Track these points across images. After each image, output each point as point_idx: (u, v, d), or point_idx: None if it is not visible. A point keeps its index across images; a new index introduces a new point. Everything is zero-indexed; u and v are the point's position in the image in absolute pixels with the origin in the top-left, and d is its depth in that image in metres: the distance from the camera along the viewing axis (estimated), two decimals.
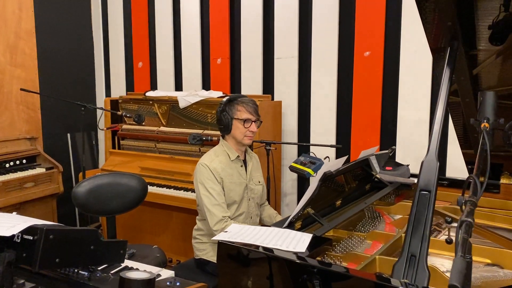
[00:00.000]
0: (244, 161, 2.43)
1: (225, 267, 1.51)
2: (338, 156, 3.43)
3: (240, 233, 1.60)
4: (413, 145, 3.11)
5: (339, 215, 2.08)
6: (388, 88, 3.21)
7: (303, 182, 3.65)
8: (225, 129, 2.32)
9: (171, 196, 3.34)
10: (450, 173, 3.01)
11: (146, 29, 4.38)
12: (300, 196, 3.70)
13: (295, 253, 1.41)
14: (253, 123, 2.32)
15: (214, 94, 3.57)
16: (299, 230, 1.74)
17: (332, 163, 1.76)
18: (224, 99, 2.34)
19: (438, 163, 1.33)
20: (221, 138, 2.42)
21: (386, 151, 2.41)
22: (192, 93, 3.66)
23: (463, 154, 2.27)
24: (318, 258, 1.55)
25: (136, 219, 3.80)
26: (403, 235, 1.77)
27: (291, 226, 1.71)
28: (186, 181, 3.46)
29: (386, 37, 3.18)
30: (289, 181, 3.70)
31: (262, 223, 2.58)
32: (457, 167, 2.97)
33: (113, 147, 4.04)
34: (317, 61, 3.47)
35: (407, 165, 2.56)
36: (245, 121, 2.29)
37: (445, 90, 1.39)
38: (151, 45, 4.39)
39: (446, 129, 3.01)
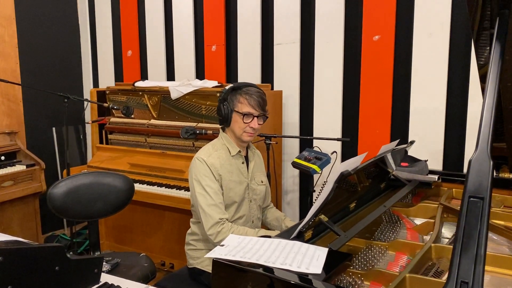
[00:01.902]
0: (246, 158, 2.15)
1: None
2: (344, 150, 3.15)
3: (240, 247, 1.32)
4: (427, 138, 2.83)
5: (355, 220, 1.81)
6: (399, 76, 2.93)
7: (305, 179, 3.38)
8: (224, 121, 2.05)
9: (162, 195, 3.06)
10: None
11: (136, 15, 4.07)
12: (302, 193, 3.42)
13: (309, 275, 1.14)
14: (255, 118, 2.03)
15: (209, 83, 3.28)
16: (309, 240, 1.47)
17: (349, 161, 1.48)
18: (228, 87, 2.06)
19: (492, 163, 1.05)
20: (220, 130, 2.14)
21: (404, 145, 2.13)
22: (185, 83, 3.37)
23: (495, 147, 1.99)
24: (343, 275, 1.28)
25: (126, 219, 3.53)
26: (433, 245, 1.51)
27: (300, 236, 1.43)
28: (178, 179, 3.18)
29: (398, 19, 2.88)
30: (290, 177, 3.43)
31: (268, 228, 2.31)
32: None
33: (101, 142, 3.75)
34: (321, 47, 3.17)
35: (425, 161, 2.29)
36: (244, 115, 2.01)
37: (496, 70, 1.11)
38: (141, 32, 4.08)
39: (464, 120, 2.74)
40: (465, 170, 2.74)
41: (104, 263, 2.03)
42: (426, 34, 2.79)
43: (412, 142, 2.17)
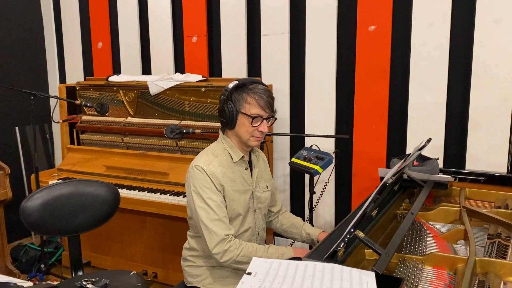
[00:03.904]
0: (249, 163, 1.92)
1: None
2: (338, 148, 2.97)
3: (271, 275, 1.11)
4: (427, 134, 2.69)
5: (378, 229, 1.64)
6: (397, 68, 2.78)
7: (297, 179, 3.19)
8: (228, 123, 1.78)
9: (145, 201, 2.80)
10: (470, 165, 2.64)
11: (106, 2, 3.75)
12: (294, 193, 3.24)
13: None
14: (264, 121, 1.78)
15: (192, 77, 3.03)
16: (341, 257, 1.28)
17: (390, 171, 1.30)
18: (232, 84, 1.78)
19: None
20: (220, 132, 1.89)
21: (424, 144, 1.97)
22: (165, 77, 3.11)
23: None
24: None
25: (102, 227, 3.21)
26: (477, 259, 1.36)
27: (333, 256, 1.24)
28: (162, 182, 2.94)
29: (395, 7, 2.72)
30: (280, 176, 3.24)
31: (283, 236, 2.09)
32: (478, 158, 2.60)
33: (71, 143, 3.43)
34: (313, 38, 2.98)
35: (436, 159, 2.15)
36: (254, 118, 1.76)
37: None
38: (112, 22, 3.76)
39: (466, 115, 2.63)
40: (467, 167, 2.66)
41: (90, 285, 1.78)
42: (426, 24, 2.64)
43: (429, 140, 2.02)
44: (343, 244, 1.23)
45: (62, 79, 4.10)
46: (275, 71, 3.13)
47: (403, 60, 2.75)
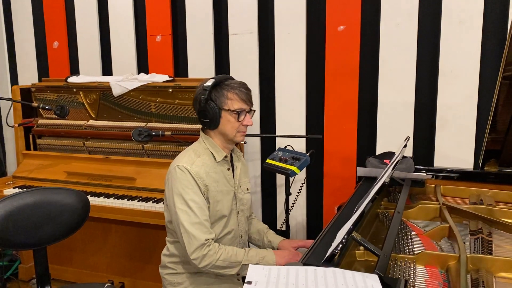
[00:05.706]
0: (231, 163, 1.86)
1: None
2: (310, 148, 2.97)
3: (272, 283, 1.06)
4: (397, 133, 2.74)
5: (364, 230, 1.62)
6: (366, 68, 2.79)
7: (268, 180, 3.15)
8: (211, 123, 1.74)
9: (112, 208, 2.66)
10: (438, 162, 2.70)
11: None
12: (265, 195, 3.19)
13: None
14: (247, 114, 1.78)
15: (158, 78, 2.92)
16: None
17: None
18: (207, 83, 1.75)
19: None
20: (201, 132, 1.83)
21: (404, 143, 1.97)
22: (129, 78, 2.98)
23: (489, 141, 1.91)
24: None
25: None
26: (469, 256, 1.36)
27: (331, 259, 1.20)
28: (128, 187, 2.81)
29: (363, 8, 2.74)
30: (251, 178, 3.18)
31: (248, 241, 2.04)
32: (446, 155, 2.67)
33: (27, 148, 3.22)
34: (282, 38, 2.95)
35: (411, 157, 2.17)
36: (239, 113, 1.74)
37: None
38: (69, 19, 3.57)
39: (434, 113, 2.68)
40: (435, 164, 2.72)
41: None
42: (394, 24, 2.68)
43: (407, 139, 2.03)
44: (340, 246, 1.19)
45: (14, 80, 3.85)
46: (244, 71, 3.07)
47: (372, 60, 2.77)
